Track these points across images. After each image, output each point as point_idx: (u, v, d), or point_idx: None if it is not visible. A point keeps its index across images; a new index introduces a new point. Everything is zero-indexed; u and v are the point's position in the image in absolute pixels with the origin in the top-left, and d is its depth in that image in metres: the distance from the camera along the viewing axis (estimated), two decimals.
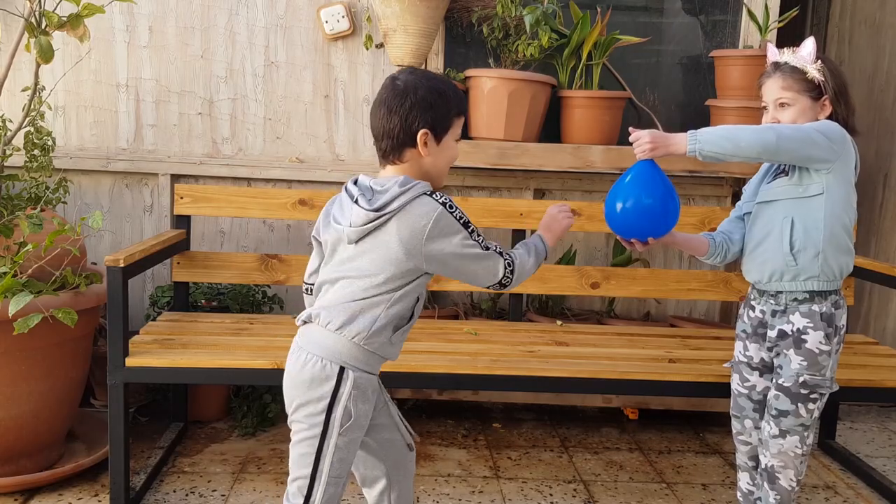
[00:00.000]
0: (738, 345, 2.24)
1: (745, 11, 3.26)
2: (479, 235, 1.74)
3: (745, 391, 2.22)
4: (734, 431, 2.27)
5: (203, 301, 3.14)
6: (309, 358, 1.74)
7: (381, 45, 3.27)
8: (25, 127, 2.77)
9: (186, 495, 2.62)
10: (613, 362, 2.61)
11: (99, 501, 2.55)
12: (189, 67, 3.31)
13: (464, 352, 2.66)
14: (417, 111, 1.71)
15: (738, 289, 3.12)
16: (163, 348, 2.53)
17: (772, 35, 3.17)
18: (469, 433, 3.23)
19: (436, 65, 3.26)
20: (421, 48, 3.01)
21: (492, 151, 3.05)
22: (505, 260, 1.77)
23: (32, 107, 2.72)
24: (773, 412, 2.11)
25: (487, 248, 1.75)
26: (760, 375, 2.18)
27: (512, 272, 1.79)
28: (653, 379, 2.52)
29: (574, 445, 3.16)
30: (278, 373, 2.43)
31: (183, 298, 3.03)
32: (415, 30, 2.95)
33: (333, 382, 1.73)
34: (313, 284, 1.86)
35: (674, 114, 3.41)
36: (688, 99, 3.40)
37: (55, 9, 2.58)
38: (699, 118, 3.37)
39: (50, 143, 2.86)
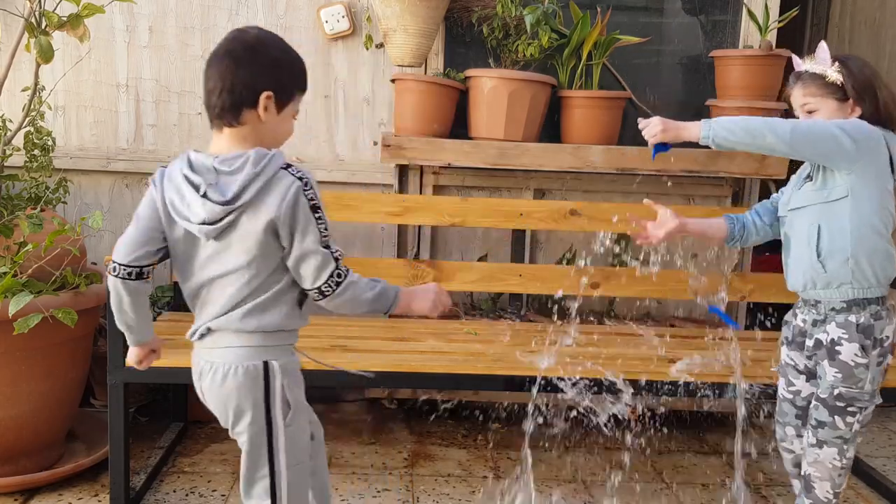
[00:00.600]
0: (783, 349, 2.22)
1: (745, 11, 3.26)
2: (326, 228, 1.61)
3: (790, 396, 2.19)
4: (777, 437, 2.24)
5: None
6: (227, 370, 1.65)
7: (381, 45, 3.27)
8: (25, 127, 2.77)
9: (186, 495, 2.62)
10: (613, 362, 2.61)
11: (99, 501, 2.55)
12: (189, 67, 3.31)
13: (464, 352, 2.66)
14: (267, 70, 1.58)
15: (738, 289, 3.12)
16: (163, 348, 2.52)
17: (772, 35, 3.17)
18: (469, 433, 3.23)
19: (436, 65, 3.26)
20: (421, 48, 3.01)
21: (492, 151, 3.05)
22: (337, 264, 1.62)
23: (32, 107, 2.72)
24: (813, 422, 2.08)
25: (328, 248, 1.61)
26: (807, 380, 2.15)
27: (338, 284, 1.63)
28: (652, 379, 2.52)
29: (574, 445, 3.16)
30: None
31: (183, 298, 3.02)
32: (415, 30, 2.95)
33: (262, 381, 1.65)
34: (138, 267, 1.64)
35: (674, 114, 3.39)
36: (688, 99, 3.40)
37: (55, 9, 2.58)
38: (699, 118, 3.34)
39: (50, 143, 2.86)
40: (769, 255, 3.76)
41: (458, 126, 3.17)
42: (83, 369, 2.73)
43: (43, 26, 2.58)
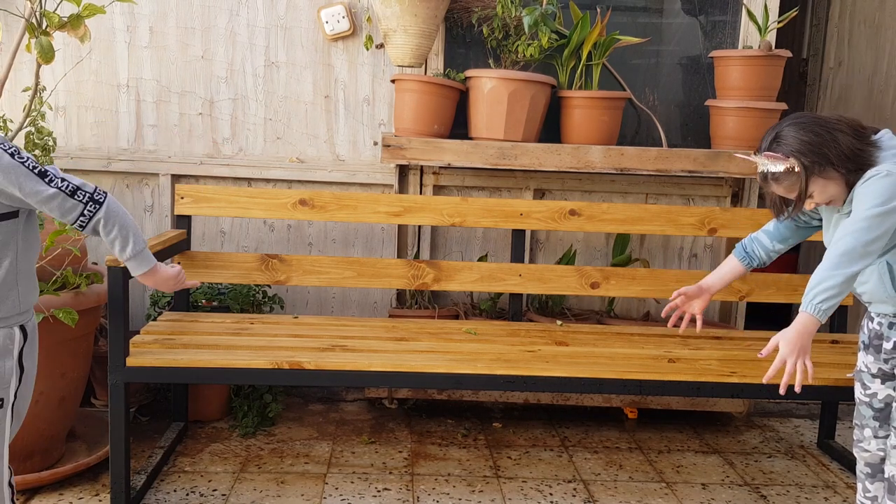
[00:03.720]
0: (861, 354, 2.21)
1: (744, 12, 3.26)
2: (36, 166, 1.71)
3: (867, 399, 2.17)
4: (855, 440, 2.23)
5: (203, 301, 3.15)
6: None
7: (381, 46, 3.28)
8: (26, 127, 2.77)
9: (187, 495, 2.62)
10: (613, 362, 2.61)
11: (100, 501, 2.55)
12: (189, 68, 3.32)
13: (464, 352, 2.66)
14: None
15: (738, 289, 3.12)
16: (163, 348, 2.53)
17: (771, 35, 3.17)
18: (469, 433, 3.23)
19: (436, 65, 3.27)
20: (421, 48, 3.01)
21: (492, 151, 3.05)
22: (79, 202, 1.75)
23: (33, 107, 2.72)
24: (895, 423, 2.08)
25: (56, 186, 1.72)
26: (882, 383, 2.13)
27: (90, 220, 1.77)
28: (653, 379, 2.52)
29: (574, 445, 3.16)
30: (279, 372, 2.45)
31: (183, 298, 3.03)
32: (415, 30, 2.96)
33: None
34: None
35: (673, 114, 3.42)
36: (687, 99, 3.41)
37: (56, 9, 2.59)
38: (699, 118, 3.38)
39: (51, 143, 2.86)
40: None
41: (458, 126, 3.18)
42: (84, 369, 2.73)
43: (44, 27, 2.58)
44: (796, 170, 1.98)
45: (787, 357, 1.92)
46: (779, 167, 1.99)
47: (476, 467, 2.92)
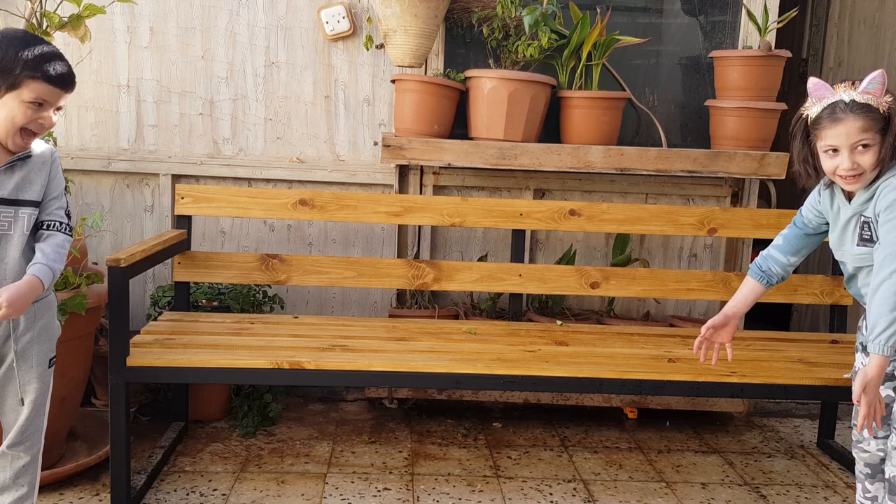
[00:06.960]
0: (858, 356, 2.20)
1: (744, 12, 3.26)
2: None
3: None
4: (854, 440, 2.23)
5: (204, 301, 3.15)
6: None
7: (381, 46, 3.28)
8: None
9: (187, 494, 2.62)
10: (613, 362, 2.62)
11: (100, 501, 2.55)
12: (190, 68, 3.32)
13: (464, 352, 2.66)
14: None
15: (737, 288, 3.11)
16: (164, 348, 2.53)
17: (771, 35, 3.18)
18: (469, 432, 3.24)
19: (436, 65, 3.27)
20: (421, 49, 3.01)
21: (492, 151, 3.05)
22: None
23: None
24: (895, 424, 2.07)
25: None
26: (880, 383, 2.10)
27: None
28: (653, 379, 2.53)
29: (574, 445, 3.17)
30: (279, 372, 2.46)
31: (184, 298, 3.04)
32: (415, 30, 2.96)
33: None
34: None
35: (673, 114, 3.42)
36: (687, 99, 3.41)
37: (56, 9, 2.59)
38: (698, 118, 3.38)
39: (51, 143, 2.86)
40: None
41: (458, 126, 3.18)
42: (84, 369, 2.73)
43: (44, 27, 2.59)
44: (882, 109, 1.95)
45: (870, 402, 1.93)
46: (871, 99, 1.95)
47: (476, 467, 2.92)
